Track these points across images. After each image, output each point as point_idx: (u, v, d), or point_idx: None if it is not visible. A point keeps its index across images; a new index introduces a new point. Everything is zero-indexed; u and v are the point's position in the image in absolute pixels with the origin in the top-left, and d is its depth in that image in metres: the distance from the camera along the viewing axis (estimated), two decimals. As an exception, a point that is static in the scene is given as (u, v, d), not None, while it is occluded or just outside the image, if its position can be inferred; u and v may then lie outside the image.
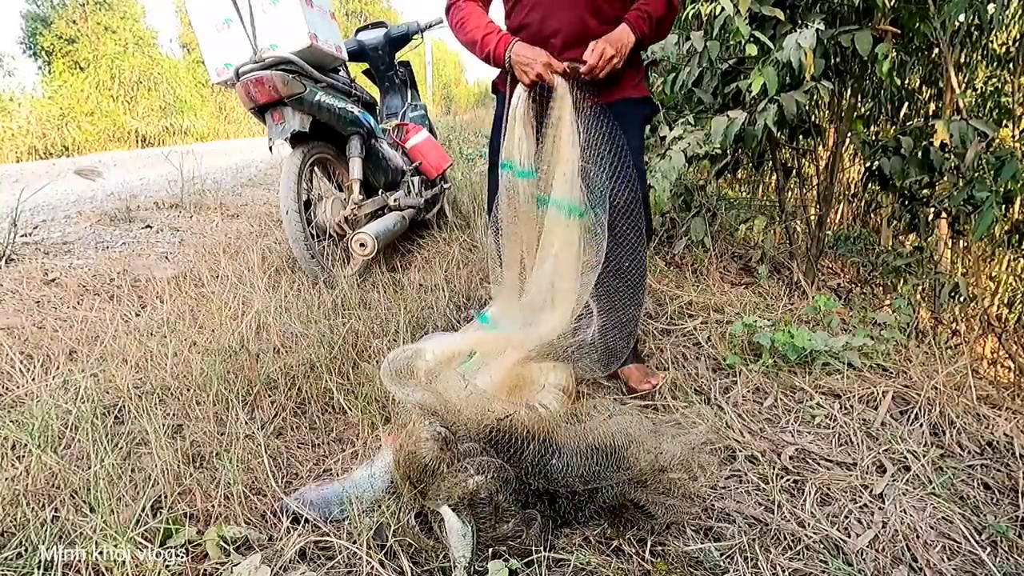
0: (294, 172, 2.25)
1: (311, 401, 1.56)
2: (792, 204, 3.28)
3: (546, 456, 1.13)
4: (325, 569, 1.04)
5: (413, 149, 3.01)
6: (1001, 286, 3.27)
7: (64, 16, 12.69)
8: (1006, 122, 2.88)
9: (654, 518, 1.17)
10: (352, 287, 2.17)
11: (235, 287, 2.17)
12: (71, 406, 1.39)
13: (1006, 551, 1.23)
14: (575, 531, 1.17)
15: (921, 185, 2.56)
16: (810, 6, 2.40)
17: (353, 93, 2.63)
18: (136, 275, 2.39)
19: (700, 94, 2.67)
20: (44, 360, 1.70)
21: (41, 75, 12.42)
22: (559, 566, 1.07)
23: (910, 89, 3.01)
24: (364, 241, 2.29)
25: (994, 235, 2.81)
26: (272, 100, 2.12)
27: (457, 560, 1.02)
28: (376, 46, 3.17)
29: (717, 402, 1.67)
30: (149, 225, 3.29)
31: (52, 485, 1.16)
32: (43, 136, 7.91)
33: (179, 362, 1.66)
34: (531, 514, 1.11)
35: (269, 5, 2.16)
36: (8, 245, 2.53)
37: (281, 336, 1.81)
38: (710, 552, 1.13)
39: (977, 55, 2.98)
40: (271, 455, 1.31)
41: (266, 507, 1.18)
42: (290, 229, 2.23)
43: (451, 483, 1.08)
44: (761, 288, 2.49)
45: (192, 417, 1.43)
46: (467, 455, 1.12)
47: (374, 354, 1.74)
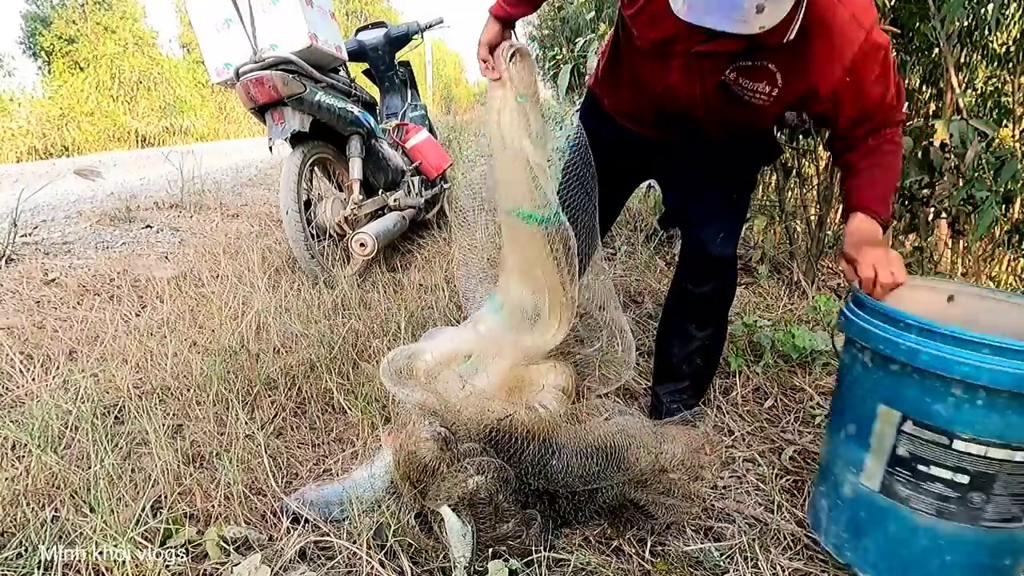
0: (294, 172, 2.25)
1: (311, 401, 1.56)
2: (792, 204, 3.28)
3: (546, 456, 1.13)
4: (325, 569, 1.04)
5: (413, 149, 3.01)
6: (1001, 286, 3.27)
7: (64, 16, 12.68)
8: (1006, 122, 2.88)
9: (654, 518, 1.17)
10: (352, 287, 2.17)
11: (235, 287, 2.17)
12: (71, 406, 1.39)
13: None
14: (575, 531, 1.17)
15: (921, 185, 2.56)
16: (810, 6, 2.39)
17: (353, 93, 2.63)
18: (136, 275, 2.39)
19: (700, 94, 2.67)
20: (44, 360, 1.70)
21: (41, 75, 12.41)
22: (559, 566, 1.07)
23: (910, 89, 3.01)
24: (364, 241, 2.29)
25: (994, 235, 2.81)
26: (272, 100, 2.12)
27: (457, 560, 1.02)
28: (376, 46, 3.17)
29: (717, 402, 1.67)
30: (149, 225, 3.29)
31: (52, 485, 1.16)
32: (43, 136, 7.90)
33: (179, 362, 1.66)
34: (531, 514, 1.11)
35: (269, 5, 2.16)
36: (8, 245, 2.53)
37: (281, 336, 1.81)
38: (710, 552, 1.13)
39: (977, 55, 2.98)
40: (271, 455, 1.31)
41: (266, 507, 1.18)
42: (290, 229, 2.23)
43: (451, 483, 1.08)
44: (761, 288, 2.49)
45: (192, 417, 1.43)
46: (467, 455, 1.12)
47: (374, 354, 1.74)
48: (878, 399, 0.97)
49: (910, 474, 0.94)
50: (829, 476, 1.10)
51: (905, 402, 0.93)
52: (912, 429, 0.92)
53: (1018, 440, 0.85)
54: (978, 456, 0.87)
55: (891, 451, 0.95)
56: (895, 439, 0.95)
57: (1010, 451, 0.85)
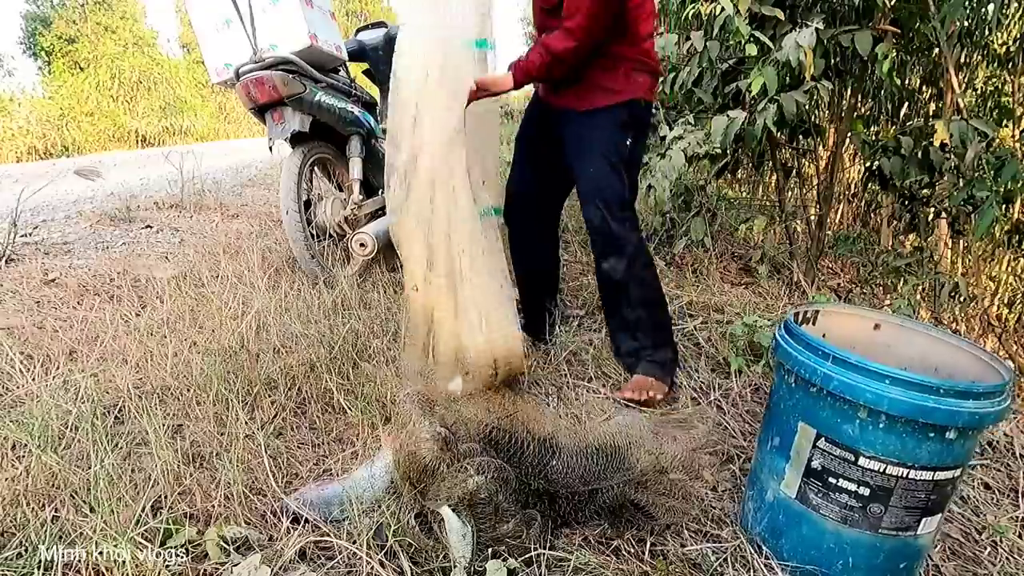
0: (294, 172, 2.25)
1: (311, 401, 1.56)
2: (792, 204, 3.28)
3: (546, 456, 1.13)
4: (325, 569, 1.04)
5: (413, 149, 3.01)
6: (1001, 286, 3.27)
7: (64, 16, 12.69)
8: (1006, 122, 2.88)
9: (654, 519, 1.17)
10: (352, 287, 2.17)
11: (235, 287, 2.17)
12: (71, 406, 1.39)
13: (1006, 551, 1.23)
14: (575, 531, 1.17)
15: (921, 185, 2.56)
16: (810, 6, 2.40)
17: (353, 93, 2.63)
18: (136, 275, 2.39)
19: (700, 94, 2.67)
20: (44, 360, 1.70)
21: (41, 75, 12.42)
22: (559, 566, 1.07)
23: (910, 89, 3.01)
24: (364, 241, 2.29)
25: (994, 235, 2.81)
26: (272, 100, 2.12)
27: (457, 560, 1.02)
28: (376, 46, 3.17)
29: (717, 402, 1.67)
30: (149, 225, 3.29)
31: (52, 485, 1.16)
32: (43, 136, 7.91)
33: (179, 362, 1.66)
34: (531, 514, 1.11)
35: (269, 5, 2.16)
36: (8, 245, 2.53)
37: (281, 336, 1.81)
38: (707, 554, 1.13)
39: (977, 55, 2.98)
40: (271, 455, 1.31)
41: (266, 507, 1.18)
42: (290, 229, 2.23)
43: (451, 483, 1.08)
44: (761, 288, 2.49)
45: (192, 417, 1.43)
46: (467, 455, 1.12)
47: (374, 354, 1.74)
48: (799, 417, 1.07)
49: (822, 484, 1.05)
50: (756, 482, 1.19)
51: (820, 421, 1.04)
52: (825, 445, 1.03)
53: (912, 460, 0.96)
54: (878, 472, 0.98)
55: (807, 463, 1.06)
56: (810, 453, 1.05)
57: (905, 468, 0.97)
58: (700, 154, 2.56)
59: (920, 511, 0.99)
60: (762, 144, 2.61)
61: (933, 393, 0.92)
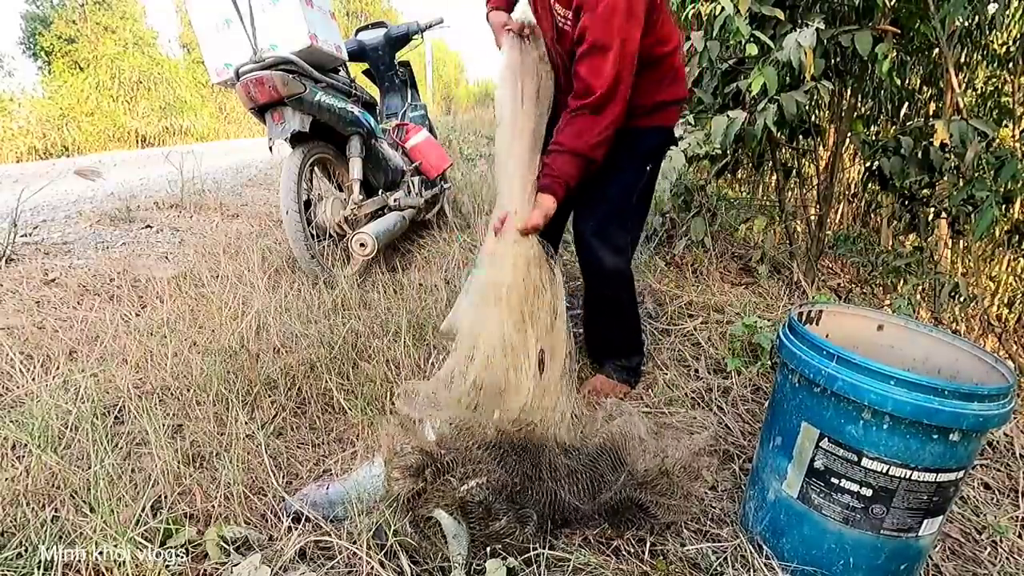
0: (294, 172, 2.25)
1: (311, 401, 1.56)
2: (792, 204, 3.28)
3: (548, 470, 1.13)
4: (325, 569, 1.04)
5: (413, 149, 3.01)
6: (1001, 286, 3.27)
7: (64, 16, 12.68)
8: (1006, 122, 2.88)
9: (655, 518, 1.17)
10: (352, 287, 2.17)
11: (235, 287, 2.17)
12: (71, 406, 1.39)
13: (1006, 551, 1.23)
14: (575, 531, 1.17)
15: (921, 185, 2.56)
16: (810, 6, 2.40)
17: (353, 93, 2.63)
18: (136, 275, 2.39)
19: (700, 94, 2.67)
20: (44, 360, 1.70)
21: (41, 75, 12.41)
22: (559, 565, 1.07)
23: (910, 89, 3.01)
24: (364, 241, 2.29)
25: (994, 235, 2.81)
26: (272, 100, 2.12)
27: (455, 559, 1.02)
28: (376, 46, 3.17)
29: (717, 402, 1.67)
30: (149, 225, 3.29)
31: (52, 485, 1.16)
32: (43, 136, 7.90)
33: (179, 362, 1.66)
34: (526, 512, 1.11)
35: (269, 5, 2.16)
36: (8, 245, 2.53)
37: (281, 336, 1.81)
38: (708, 553, 1.13)
39: (977, 55, 2.98)
40: (271, 455, 1.31)
41: (266, 507, 1.18)
42: (290, 229, 2.23)
43: (443, 491, 1.09)
44: (761, 288, 2.49)
45: (192, 417, 1.43)
46: (460, 463, 1.12)
47: (374, 354, 1.74)
48: (801, 417, 1.07)
49: (824, 485, 1.04)
50: (757, 481, 1.19)
51: (823, 421, 1.03)
52: (828, 446, 1.03)
53: (915, 461, 0.96)
54: (881, 473, 0.98)
55: (809, 463, 1.06)
56: (813, 453, 1.05)
57: (908, 470, 0.96)
58: (700, 154, 2.56)
59: (922, 512, 0.99)
60: (762, 144, 2.61)
61: (938, 395, 0.92)
